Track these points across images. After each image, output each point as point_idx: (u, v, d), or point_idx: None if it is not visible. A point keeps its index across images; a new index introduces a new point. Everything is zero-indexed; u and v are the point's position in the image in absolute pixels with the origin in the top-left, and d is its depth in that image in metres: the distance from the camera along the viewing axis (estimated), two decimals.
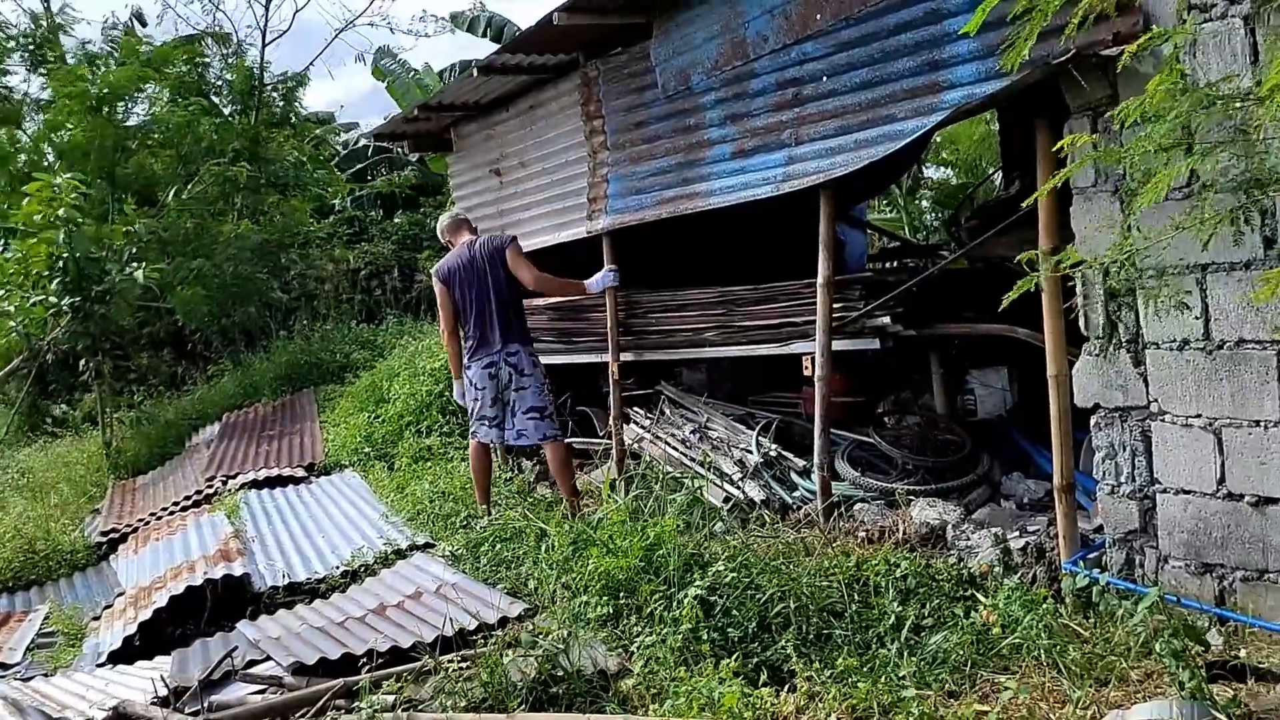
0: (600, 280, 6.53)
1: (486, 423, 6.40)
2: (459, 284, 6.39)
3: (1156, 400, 3.74)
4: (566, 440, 7.48)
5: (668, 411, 6.70)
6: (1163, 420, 3.73)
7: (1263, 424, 3.44)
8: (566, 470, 6.35)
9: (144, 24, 15.99)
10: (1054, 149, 3.53)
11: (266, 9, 16.46)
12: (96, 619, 6.36)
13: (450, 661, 4.08)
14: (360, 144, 19.27)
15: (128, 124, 13.74)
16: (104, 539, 8.23)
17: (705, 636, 3.88)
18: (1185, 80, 3.33)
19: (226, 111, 15.32)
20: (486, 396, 6.36)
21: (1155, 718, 2.91)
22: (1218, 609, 3.60)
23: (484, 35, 17.10)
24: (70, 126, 13.24)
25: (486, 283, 6.33)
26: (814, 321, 5.25)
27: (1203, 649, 3.27)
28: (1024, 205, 3.84)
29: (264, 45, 16.38)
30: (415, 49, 69.66)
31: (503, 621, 4.65)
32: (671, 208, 5.93)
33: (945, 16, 4.35)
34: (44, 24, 15.60)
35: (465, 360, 6.49)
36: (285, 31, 21.61)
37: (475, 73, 6.64)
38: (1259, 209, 3.27)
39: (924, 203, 14.48)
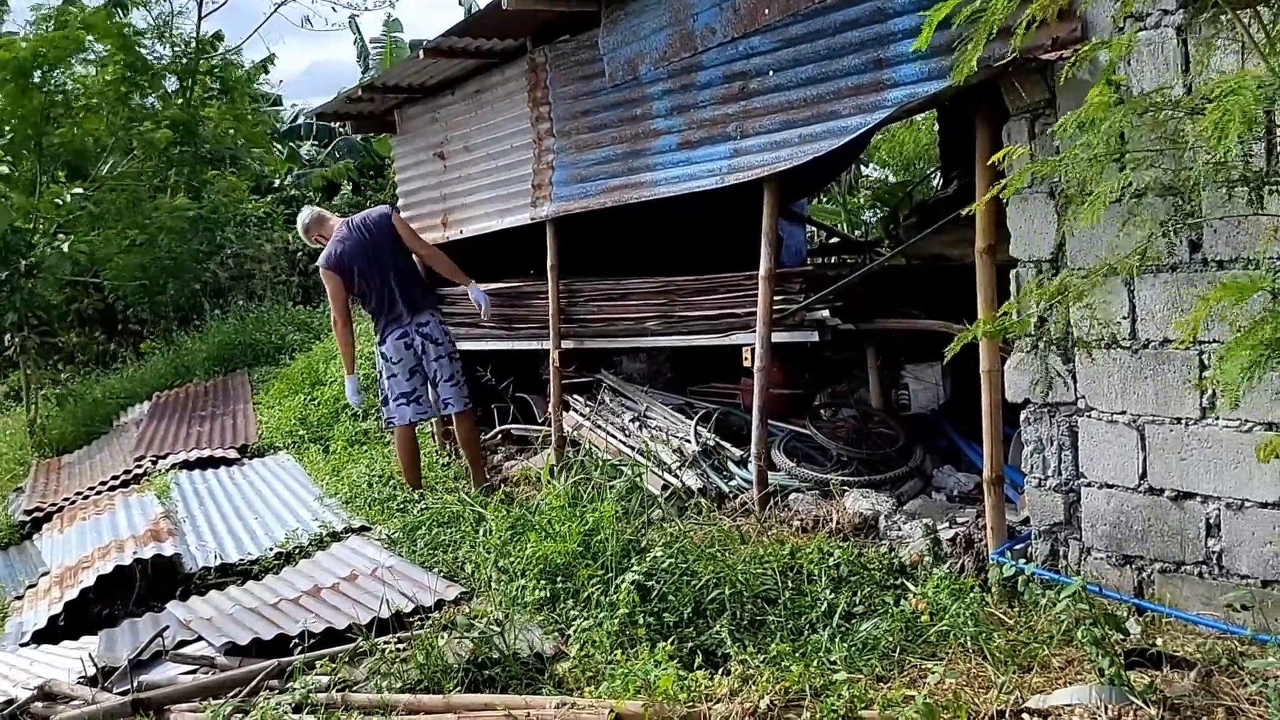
0: (478, 294, 6.75)
1: (405, 400, 6.44)
2: (357, 265, 6.43)
3: (1084, 397, 3.85)
4: (507, 427, 7.53)
5: (608, 400, 6.72)
6: (1089, 416, 3.85)
7: (1184, 421, 3.57)
8: (476, 439, 6.63)
9: None
10: (992, 159, 3.60)
11: None
12: (19, 598, 6.24)
13: (386, 643, 4.08)
14: (299, 122, 19.07)
15: (57, 92, 13.37)
16: (27, 518, 8.06)
17: (641, 621, 3.93)
18: (1120, 91, 3.43)
19: (167, 87, 15.03)
20: (404, 369, 6.42)
21: (1075, 702, 3.02)
22: (1137, 599, 3.72)
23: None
24: None
25: (384, 256, 6.42)
26: (755, 313, 5.30)
27: (1122, 637, 3.39)
28: (964, 211, 3.93)
29: (200, 17, 16.08)
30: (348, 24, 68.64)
31: (439, 604, 4.67)
32: (617, 196, 5.95)
33: (890, 16, 4.41)
34: None
35: (377, 338, 6.57)
36: (223, 4, 21.06)
37: (421, 55, 6.59)
38: (1185, 215, 3.39)
39: (861, 199, 14.66)
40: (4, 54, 12.36)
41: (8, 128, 12.53)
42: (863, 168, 13.87)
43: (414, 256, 6.70)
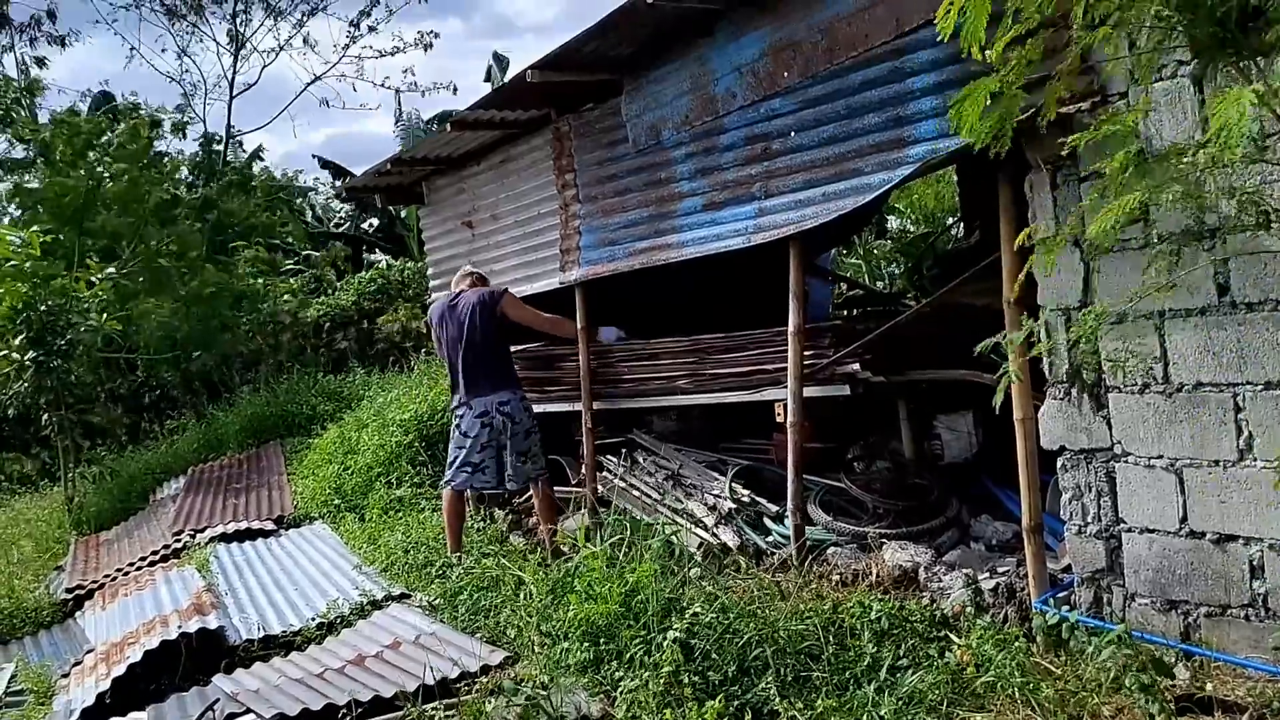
0: (609, 333, 6.94)
1: (470, 469, 6.45)
2: (442, 331, 6.54)
3: (1120, 442, 3.87)
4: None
5: (640, 459, 6.76)
6: (1126, 462, 3.86)
7: (1222, 464, 3.58)
8: (550, 508, 6.58)
9: (110, 100, 16.17)
10: (1020, 235, 3.64)
11: (235, 59, 16.62)
12: (65, 676, 6.26)
13: (434, 710, 4.10)
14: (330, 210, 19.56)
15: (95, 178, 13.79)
16: (69, 595, 8.10)
17: (686, 680, 3.93)
18: (1143, 151, 3.49)
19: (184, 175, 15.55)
20: (476, 443, 6.43)
21: None
22: (1183, 644, 3.71)
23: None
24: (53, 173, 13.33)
25: (464, 333, 6.42)
26: (785, 369, 5.36)
27: (1170, 683, 3.38)
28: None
29: (231, 97, 16.52)
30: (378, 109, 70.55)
31: (484, 669, 4.67)
32: (644, 259, 6.05)
33: (909, 74, 4.51)
34: (15, 85, 15.78)
35: (454, 405, 6.58)
36: (252, 85, 21.64)
37: (449, 127, 6.76)
38: (1212, 259, 3.44)
39: (885, 250, 14.75)
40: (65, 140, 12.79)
41: (50, 207, 12.93)
42: (888, 219, 13.99)
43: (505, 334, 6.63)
